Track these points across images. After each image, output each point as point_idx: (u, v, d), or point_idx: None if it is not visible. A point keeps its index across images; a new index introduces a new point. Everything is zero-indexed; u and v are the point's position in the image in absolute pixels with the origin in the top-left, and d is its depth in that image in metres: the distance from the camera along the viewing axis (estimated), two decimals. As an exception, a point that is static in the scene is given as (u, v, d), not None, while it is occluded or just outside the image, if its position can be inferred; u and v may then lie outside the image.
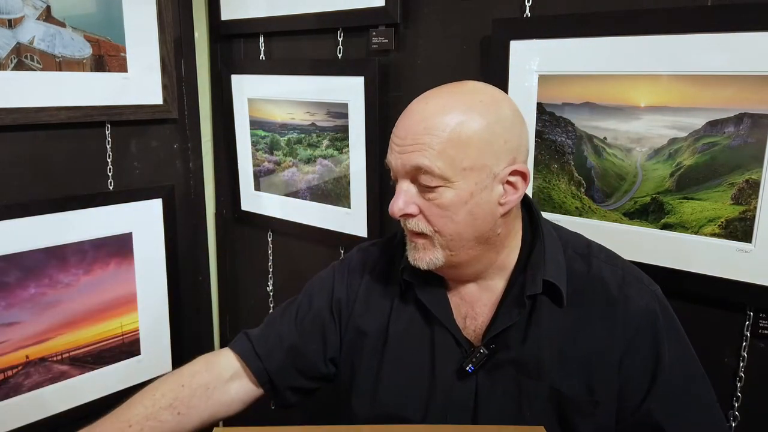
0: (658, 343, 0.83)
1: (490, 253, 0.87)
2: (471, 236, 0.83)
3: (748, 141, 0.93)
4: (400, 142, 0.82)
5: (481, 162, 0.80)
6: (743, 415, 1.01)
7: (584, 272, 0.87)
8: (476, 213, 0.82)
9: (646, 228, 1.05)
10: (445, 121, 0.80)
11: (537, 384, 0.84)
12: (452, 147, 0.79)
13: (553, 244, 0.88)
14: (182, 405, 0.95)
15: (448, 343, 0.89)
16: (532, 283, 0.84)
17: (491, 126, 0.80)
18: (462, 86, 0.86)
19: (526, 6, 1.14)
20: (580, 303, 0.85)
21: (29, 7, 1.30)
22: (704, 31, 0.95)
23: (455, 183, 0.80)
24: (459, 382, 0.88)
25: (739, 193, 0.95)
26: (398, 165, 0.83)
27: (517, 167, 0.82)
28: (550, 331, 0.85)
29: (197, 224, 1.75)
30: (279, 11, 1.52)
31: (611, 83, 1.05)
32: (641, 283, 0.87)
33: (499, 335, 0.86)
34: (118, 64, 1.45)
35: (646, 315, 0.84)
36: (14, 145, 1.35)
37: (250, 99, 1.65)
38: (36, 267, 1.38)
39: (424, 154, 0.79)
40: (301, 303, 1.03)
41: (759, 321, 0.98)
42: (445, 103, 0.82)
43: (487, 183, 0.81)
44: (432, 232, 0.83)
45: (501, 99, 0.85)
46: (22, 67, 1.31)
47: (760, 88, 0.91)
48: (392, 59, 1.37)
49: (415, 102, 0.85)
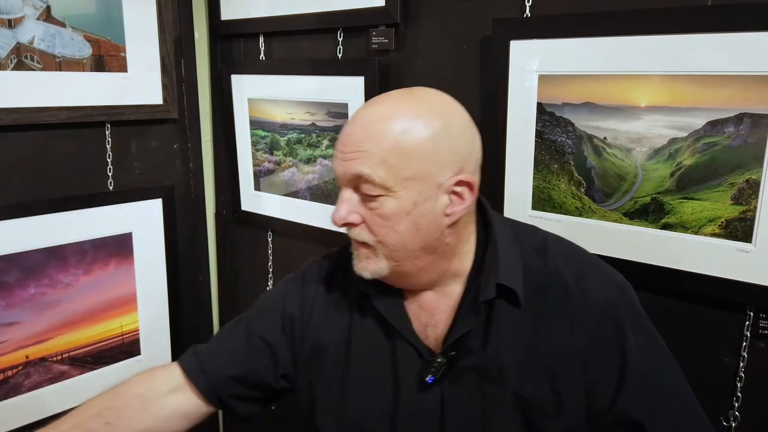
0: (622, 337, 0.81)
1: (441, 261, 0.84)
2: (416, 247, 0.81)
3: (748, 141, 0.93)
4: (342, 149, 0.80)
5: (425, 172, 0.78)
6: (743, 415, 1.01)
7: (541, 269, 0.85)
8: (420, 223, 0.79)
9: (646, 228, 1.05)
10: (387, 129, 0.77)
11: (501, 390, 0.82)
12: (394, 156, 0.77)
13: (508, 244, 0.86)
14: (112, 415, 0.91)
15: (410, 355, 0.87)
16: (486, 288, 0.82)
17: (437, 135, 0.78)
18: (410, 93, 0.83)
19: (526, 6, 1.14)
20: (539, 302, 0.83)
21: (29, 7, 1.30)
22: (704, 31, 0.95)
23: (397, 193, 0.78)
24: (422, 394, 0.85)
25: (739, 193, 0.95)
26: (340, 172, 0.80)
27: (463, 177, 0.80)
28: (510, 334, 0.83)
29: (197, 224, 1.75)
30: (279, 11, 1.52)
31: (611, 83, 1.05)
32: (601, 274, 0.85)
33: (460, 342, 0.83)
34: (118, 64, 1.45)
35: (606, 307, 0.82)
36: (14, 145, 1.35)
37: (250, 99, 1.65)
38: (36, 267, 1.38)
39: (365, 162, 0.77)
40: (251, 319, 0.99)
41: (759, 321, 0.98)
42: (389, 110, 0.79)
43: (431, 193, 0.79)
44: (375, 242, 0.81)
45: (450, 107, 0.82)
46: (22, 67, 1.31)
47: (760, 88, 0.91)
48: (392, 59, 1.37)
49: (361, 108, 0.82)
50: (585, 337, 0.81)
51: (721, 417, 1.03)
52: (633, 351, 0.81)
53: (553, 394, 0.81)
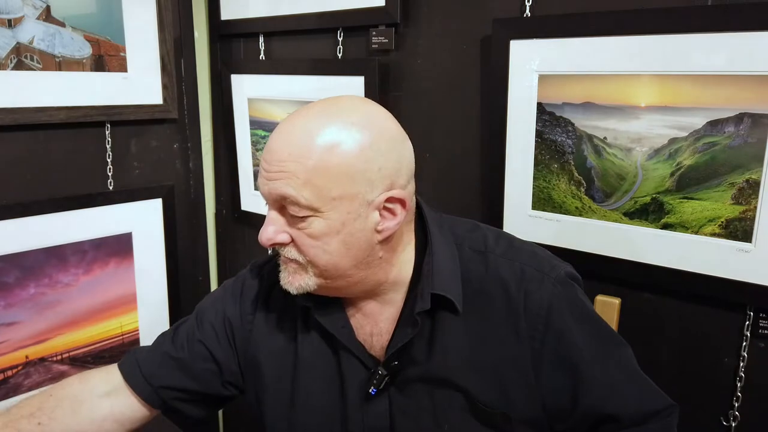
0: (569, 341, 0.80)
1: (376, 274, 0.81)
2: (348, 265, 0.78)
3: (748, 141, 0.93)
4: (266, 167, 0.76)
5: (353, 191, 0.74)
6: (743, 414, 1.01)
7: (482, 273, 0.83)
8: (350, 243, 0.76)
9: (646, 228, 1.05)
10: (311, 146, 0.73)
11: (451, 395, 0.81)
12: (319, 176, 0.73)
13: (445, 249, 0.83)
14: (44, 415, 0.88)
15: (355, 366, 0.85)
16: (421, 300, 0.79)
17: (364, 152, 0.74)
18: (335, 103, 0.78)
19: (526, 6, 1.14)
20: (482, 306, 0.81)
21: (29, 6, 1.30)
22: (704, 31, 0.95)
23: (325, 213, 0.74)
24: (369, 404, 0.84)
25: (739, 193, 0.95)
26: (265, 191, 0.77)
27: (393, 194, 0.76)
28: (455, 341, 0.81)
29: (197, 224, 1.75)
30: (279, 11, 1.52)
31: (611, 83, 1.05)
32: (541, 273, 0.82)
33: (403, 352, 0.82)
34: (117, 64, 1.45)
35: (549, 313, 0.80)
36: (14, 145, 1.34)
37: (250, 99, 1.65)
38: (36, 267, 1.38)
39: (289, 183, 0.73)
40: (191, 325, 0.96)
41: (759, 321, 0.98)
42: (311, 124, 0.74)
43: (361, 212, 0.75)
44: (305, 262, 0.78)
45: (378, 119, 0.77)
46: (21, 67, 1.31)
47: (760, 88, 0.91)
48: (392, 59, 1.37)
49: (283, 122, 0.77)
50: (530, 346, 0.80)
51: (721, 417, 1.03)
52: (582, 351, 0.79)
53: (505, 399, 0.81)
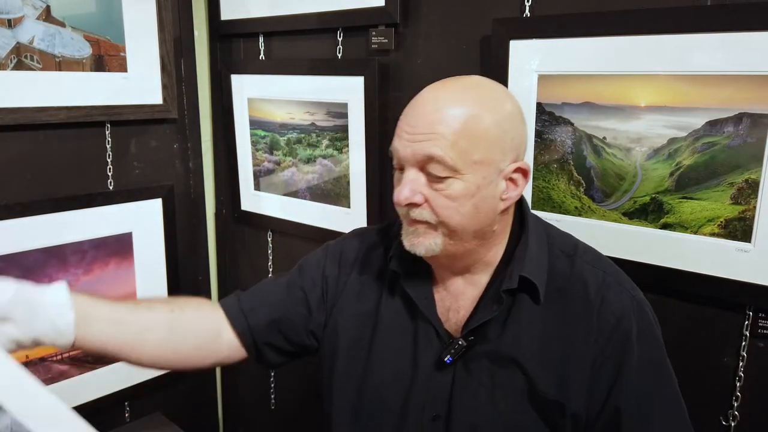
0: (627, 349, 0.83)
1: (482, 248, 0.88)
2: (472, 229, 0.84)
3: (748, 141, 0.93)
4: (410, 130, 0.82)
5: (490, 157, 0.81)
6: (742, 414, 1.02)
7: (567, 272, 0.87)
8: (480, 207, 0.82)
9: (645, 228, 1.05)
10: (459, 113, 0.80)
11: (513, 375, 0.85)
12: (465, 139, 0.79)
13: (538, 242, 0.89)
14: (177, 306, 0.95)
15: (430, 336, 0.90)
16: (509, 279, 0.85)
17: (501, 122, 0.81)
18: (469, 80, 0.87)
19: (525, 6, 1.14)
20: (560, 302, 0.86)
21: (29, 6, 1.31)
22: (704, 31, 0.95)
23: (465, 176, 0.80)
24: (437, 372, 0.89)
25: (738, 193, 0.95)
26: (407, 153, 0.82)
27: (520, 164, 0.84)
28: (528, 328, 0.85)
29: (197, 224, 1.75)
30: (279, 11, 1.52)
31: (611, 83, 1.05)
32: (621, 287, 0.86)
33: (479, 328, 0.86)
34: (117, 64, 1.45)
35: (620, 320, 0.84)
36: (14, 145, 1.35)
37: (249, 99, 1.65)
38: (36, 267, 1.38)
39: (437, 144, 0.79)
40: (292, 273, 1.04)
41: (758, 321, 0.98)
42: (457, 96, 0.82)
43: (493, 178, 0.82)
44: (437, 222, 0.83)
45: (507, 95, 0.86)
46: (21, 67, 1.31)
47: (760, 88, 0.91)
48: (392, 59, 1.37)
49: (426, 91, 0.84)
50: (596, 346, 0.83)
51: (720, 416, 1.03)
52: (633, 362, 0.82)
53: (563, 392, 0.83)
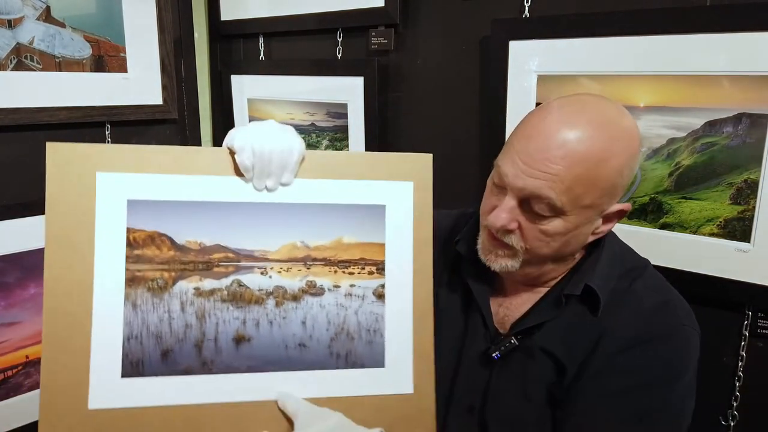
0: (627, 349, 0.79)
1: (559, 266, 0.86)
2: (552, 258, 0.82)
3: (747, 141, 0.93)
4: (527, 161, 0.75)
5: (600, 202, 0.77)
6: (742, 414, 1.02)
7: (624, 288, 0.83)
8: (571, 242, 0.80)
9: (644, 228, 1.05)
10: (585, 156, 0.74)
11: (544, 367, 0.83)
12: (582, 184, 0.74)
13: (611, 260, 0.85)
14: None
15: (479, 328, 0.89)
16: (574, 285, 0.83)
17: (623, 168, 0.76)
18: (602, 109, 0.77)
19: (525, 6, 1.14)
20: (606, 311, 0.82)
21: (29, 7, 1.31)
22: (703, 31, 0.95)
23: (569, 217, 0.77)
24: (480, 365, 0.88)
25: (737, 193, 0.95)
26: (517, 184, 0.77)
27: (623, 206, 0.80)
28: (571, 334, 0.82)
29: (197, 224, 1.75)
30: (279, 11, 1.52)
31: (610, 83, 1.05)
32: (675, 312, 0.82)
33: (530, 328, 0.84)
34: (117, 65, 1.45)
35: (657, 338, 0.79)
36: (14, 145, 1.35)
37: (249, 99, 1.65)
38: (36, 267, 1.38)
39: (551, 186, 0.74)
40: None
41: (757, 320, 0.98)
42: (588, 131, 0.74)
43: (594, 218, 0.79)
44: (522, 249, 0.80)
45: (635, 134, 0.78)
46: (21, 68, 1.31)
47: (759, 88, 0.91)
48: (392, 59, 1.37)
49: (553, 114, 0.77)
50: (618, 344, 0.80)
51: (720, 416, 1.03)
52: (621, 360, 0.78)
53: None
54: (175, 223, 0.76)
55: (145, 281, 0.75)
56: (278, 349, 0.78)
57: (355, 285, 0.80)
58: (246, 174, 0.77)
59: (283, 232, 0.79)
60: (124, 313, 0.74)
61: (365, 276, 0.81)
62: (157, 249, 0.76)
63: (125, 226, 0.75)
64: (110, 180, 0.74)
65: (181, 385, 0.75)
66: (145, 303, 0.75)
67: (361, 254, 0.81)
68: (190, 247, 0.77)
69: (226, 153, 0.78)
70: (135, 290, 0.75)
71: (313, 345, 0.79)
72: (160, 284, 0.76)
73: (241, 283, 0.78)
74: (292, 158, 0.78)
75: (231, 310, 0.78)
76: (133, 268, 0.75)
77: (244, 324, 0.77)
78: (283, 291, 0.79)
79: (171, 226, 0.76)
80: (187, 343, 0.76)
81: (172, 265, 0.76)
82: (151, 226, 0.76)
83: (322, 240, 0.80)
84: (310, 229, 0.79)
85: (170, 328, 0.76)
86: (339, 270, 0.80)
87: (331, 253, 0.80)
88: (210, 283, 0.77)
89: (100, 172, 0.74)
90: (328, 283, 0.80)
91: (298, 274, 0.79)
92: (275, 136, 0.78)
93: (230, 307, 0.78)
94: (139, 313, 0.75)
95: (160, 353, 0.75)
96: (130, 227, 0.75)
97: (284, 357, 0.78)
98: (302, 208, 0.79)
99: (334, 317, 0.80)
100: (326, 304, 0.80)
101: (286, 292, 0.79)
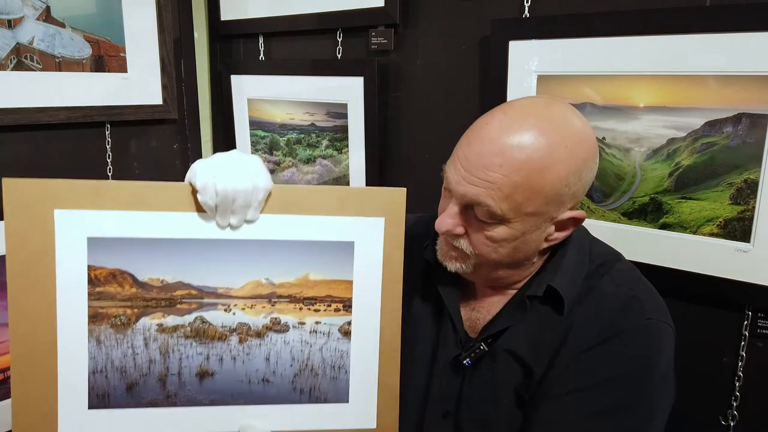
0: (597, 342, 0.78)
1: (518, 270, 0.85)
2: (506, 264, 0.81)
3: (747, 141, 0.93)
4: (467, 166, 0.75)
5: (545, 209, 0.76)
6: (742, 414, 1.02)
7: (591, 286, 0.83)
8: (521, 248, 0.79)
9: (644, 228, 1.05)
10: (524, 164, 0.72)
11: (510, 370, 0.83)
12: (522, 192, 0.73)
13: (579, 254, 0.84)
14: None
15: (449, 334, 0.89)
16: (537, 287, 0.83)
17: (569, 176, 0.74)
18: (547, 115, 0.75)
19: (525, 6, 1.14)
20: (572, 311, 0.82)
21: (29, 7, 1.31)
22: (703, 31, 0.95)
23: (512, 224, 0.76)
24: (452, 371, 0.88)
25: (737, 193, 0.96)
26: (458, 190, 0.76)
27: (575, 214, 0.78)
28: (540, 336, 0.82)
29: (197, 224, 1.75)
30: (279, 11, 1.53)
31: (610, 83, 1.05)
32: (641, 309, 0.80)
33: (498, 333, 0.85)
34: (117, 65, 1.45)
35: (616, 335, 0.77)
36: (14, 145, 1.35)
37: (249, 99, 1.65)
38: (36, 267, 1.38)
39: (490, 194, 0.73)
40: None
41: (757, 320, 0.98)
42: (527, 140, 0.72)
43: (543, 225, 0.78)
44: (471, 254, 0.80)
45: (588, 137, 0.76)
46: (21, 68, 1.31)
47: (759, 88, 0.91)
48: (392, 59, 1.37)
49: (492, 121, 0.75)
50: (581, 342, 0.79)
51: (719, 416, 1.03)
52: (577, 364, 0.78)
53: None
54: (136, 261, 0.76)
55: (108, 318, 0.76)
56: (241, 384, 0.79)
57: (320, 322, 0.80)
58: (209, 212, 0.75)
59: (248, 269, 0.78)
60: (88, 348, 0.75)
61: (331, 313, 0.81)
62: (119, 286, 0.76)
63: (86, 264, 0.74)
64: (69, 217, 0.74)
65: (147, 416, 0.77)
66: (109, 339, 0.76)
67: (327, 291, 0.80)
68: (153, 284, 0.77)
69: (188, 189, 0.76)
70: (98, 326, 0.76)
71: (277, 380, 0.80)
72: (123, 321, 0.77)
73: (204, 320, 0.78)
74: (257, 197, 0.75)
75: (194, 345, 0.78)
76: (96, 305, 0.75)
77: (208, 359, 0.78)
78: (247, 328, 0.79)
79: (132, 263, 0.76)
80: (151, 378, 0.77)
81: (135, 302, 0.76)
82: (112, 264, 0.75)
83: (287, 277, 0.79)
84: (276, 267, 0.79)
85: (134, 362, 0.77)
86: (304, 307, 0.80)
87: (296, 290, 0.80)
88: (173, 319, 0.78)
89: (58, 209, 0.74)
90: (292, 320, 0.80)
91: (262, 311, 0.79)
92: (239, 174, 0.74)
93: (193, 343, 0.78)
94: (103, 348, 0.76)
95: (125, 386, 0.77)
96: (92, 265, 0.75)
97: (247, 391, 0.79)
98: (267, 244, 0.78)
99: (298, 353, 0.80)
100: (290, 341, 0.80)
101: (249, 329, 0.79)
